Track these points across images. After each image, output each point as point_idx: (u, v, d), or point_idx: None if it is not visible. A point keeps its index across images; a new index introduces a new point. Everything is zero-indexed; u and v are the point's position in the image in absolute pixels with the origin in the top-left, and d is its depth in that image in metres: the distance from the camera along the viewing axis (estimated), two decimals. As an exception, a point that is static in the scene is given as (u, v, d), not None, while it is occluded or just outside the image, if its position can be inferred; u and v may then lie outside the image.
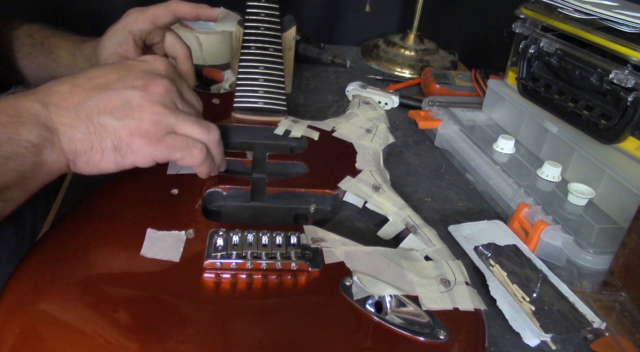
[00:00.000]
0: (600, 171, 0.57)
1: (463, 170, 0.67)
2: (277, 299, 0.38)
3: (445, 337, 0.36)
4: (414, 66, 0.99)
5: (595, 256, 0.49)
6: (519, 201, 0.56)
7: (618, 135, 0.55)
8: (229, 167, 0.53)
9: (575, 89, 0.60)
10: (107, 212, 0.44)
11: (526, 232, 0.54)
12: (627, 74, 0.53)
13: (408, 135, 0.76)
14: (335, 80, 0.91)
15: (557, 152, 0.63)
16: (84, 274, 0.37)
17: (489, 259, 0.50)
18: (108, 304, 0.35)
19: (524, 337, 0.42)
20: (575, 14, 0.60)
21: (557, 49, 0.62)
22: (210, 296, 0.37)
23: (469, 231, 0.54)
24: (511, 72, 0.72)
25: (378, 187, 0.52)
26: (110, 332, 0.33)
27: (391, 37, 1.04)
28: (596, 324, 0.44)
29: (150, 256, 0.39)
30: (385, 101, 0.82)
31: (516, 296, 0.46)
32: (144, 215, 0.44)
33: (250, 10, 0.62)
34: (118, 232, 0.41)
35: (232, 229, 0.42)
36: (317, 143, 0.59)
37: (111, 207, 0.44)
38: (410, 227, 0.47)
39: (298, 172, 0.55)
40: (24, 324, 0.33)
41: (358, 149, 0.57)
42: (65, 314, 0.34)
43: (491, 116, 0.76)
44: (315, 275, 0.40)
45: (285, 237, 0.42)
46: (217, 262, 0.39)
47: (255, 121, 0.60)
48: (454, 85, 0.86)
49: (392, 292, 0.39)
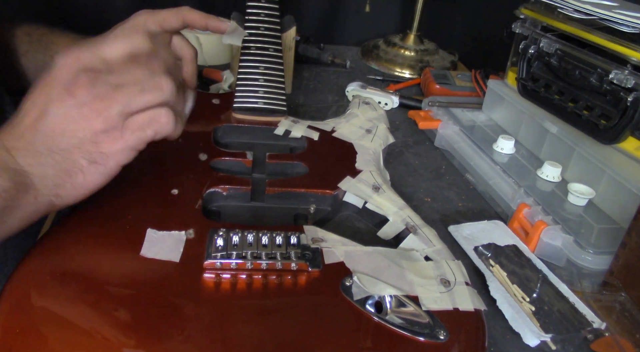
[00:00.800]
0: (600, 171, 0.57)
1: (463, 171, 0.67)
2: (277, 300, 0.38)
3: (445, 337, 0.36)
4: (414, 66, 0.99)
5: (595, 256, 0.49)
6: (519, 201, 0.56)
7: (618, 136, 0.55)
8: (229, 168, 0.53)
9: (575, 89, 0.60)
10: (107, 212, 0.44)
11: (526, 232, 0.54)
12: (627, 74, 0.53)
13: (408, 135, 0.76)
14: (335, 81, 0.91)
15: (557, 152, 0.63)
16: (84, 274, 0.37)
17: (489, 259, 0.50)
18: (108, 304, 0.35)
19: (524, 337, 0.42)
20: (575, 14, 0.60)
21: (557, 49, 0.62)
22: (210, 296, 0.37)
23: (469, 231, 0.54)
24: (511, 72, 0.72)
25: (378, 187, 0.52)
26: (111, 332, 0.33)
27: (391, 38, 1.05)
28: (596, 324, 0.44)
29: (150, 256, 0.39)
30: (385, 101, 0.82)
31: (516, 296, 0.46)
32: (144, 215, 0.44)
33: (250, 11, 0.62)
34: (118, 232, 0.41)
35: (232, 229, 0.42)
36: (317, 143, 0.59)
37: (111, 207, 0.44)
38: (410, 228, 0.47)
39: (298, 172, 0.55)
40: (24, 323, 0.33)
41: (358, 149, 0.58)
42: (66, 314, 0.34)
43: (491, 116, 0.76)
44: (315, 275, 0.40)
45: (285, 237, 0.42)
46: (217, 263, 0.39)
47: (255, 121, 0.60)
48: (454, 85, 0.86)
49: (392, 293, 0.39)
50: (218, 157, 0.54)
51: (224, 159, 0.54)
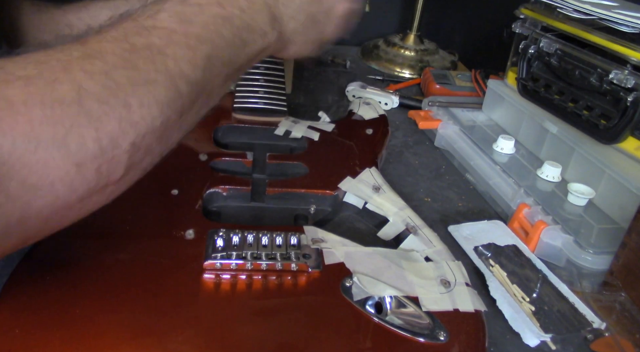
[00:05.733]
0: (600, 171, 0.57)
1: (463, 171, 0.67)
2: (277, 300, 0.38)
3: (445, 338, 0.36)
4: (414, 66, 0.99)
5: (595, 256, 0.49)
6: (518, 201, 0.56)
7: (618, 135, 0.55)
8: (229, 168, 0.53)
9: (575, 89, 0.60)
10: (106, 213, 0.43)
11: (526, 232, 0.54)
12: (627, 74, 0.53)
13: (408, 135, 0.76)
14: (335, 81, 0.91)
15: (557, 152, 0.63)
16: (83, 275, 0.37)
17: (489, 259, 0.50)
18: (108, 305, 0.35)
19: (524, 337, 0.42)
20: (575, 14, 0.60)
21: (557, 49, 0.62)
22: (210, 296, 0.37)
23: (469, 231, 0.54)
24: (511, 72, 0.72)
25: (378, 187, 0.52)
26: (111, 333, 0.33)
27: (391, 37, 1.05)
28: (596, 324, 0.44)
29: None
30: (385, 101, 0.82)
31: (516, 296, 0.46)
32: (144, 215, 0.44)
33: (250, 11, 0.62)
34: (118, 232, 0.41)
35: (232, 230, 0.42)
36: (318, 144, 0.59)
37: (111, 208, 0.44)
38: (411, 228, 0.47)
39: (298, 172, 0.55)
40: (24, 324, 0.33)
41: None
42: (65, 315, 0.34)
43: (491, 116, 0.76)
44: (315, 276, 0.40)
45: (285, 237, 0.42)
46: (217, 263, 0.39)
47: (256, 121, 0.60)
48: (454, 85, 0.86)
49: (392, 293, 0.39)
50: (218, 157, 0.54)
51: (224, 159, 0.54)
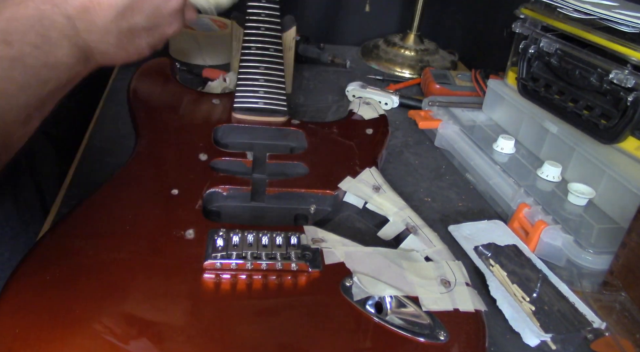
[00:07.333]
0: (600, 171, 0.57)
1: (463, 170, 0.67)
2: (277, 300, 0.38)
3: (445, 338, 0.36)
4: (414, 66, 0.99)
5: (595, 256, 0.49)
6: (519, 201, 0.56)
7: (618, 135, 0.55)
8: (230, 168, 0.53)
9: (575, 89, 0.60)
10: (106, 213, 0.44)
11: (526, 232, 0.54)
12: (627, 74, 0.53)
13: (408, 135, 0.76)
14: (335, 80, 0.91)
15: (557, 152, 0.63)
16: (83, 275, 0.37)
17: (489, 259, 0.50)
18: (108, 305, 0.35)
19: (524, 337, 0.42)
20: (575, 14, 0.60)
21: (557, 49, 0.62)
22: (210, 296, 0.37)
23: (469, 231, 0.54)
24: (511, 72, 0.72)
25: (378, 187, 0.52)
26: (111, 333, 0.33)
27: (391, 37, 1.04)
28: (596, 324, 0.44)
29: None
30: (385, 101, 0.82)
31: (516, 296, 0.46)
32: (144, 215, 0.44)
33: (251, 11, 0.62)
34: (118, 232, 0.41)
35: (232, 230, 0.42)
36: (318, 143, 0.59)
37: (111, 208, 0.44)
38: (411, 228, 0.47)
39: (298, 172, 0.55)
40: (24, 323, 0.33)
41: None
42: (65, 314, 0.34)
43: (491, 116, 0.76)
44: (315, 276, 0.40)
45: (286, 237, 0.42)
46: (217, 263, 0.39)
47: (256, 121, 0.60)
48: (454, 85, 0.86)
49: (392, 293, 0.39)
50: (218, 157, 0.54)
51: (224, 159, 0.54)
